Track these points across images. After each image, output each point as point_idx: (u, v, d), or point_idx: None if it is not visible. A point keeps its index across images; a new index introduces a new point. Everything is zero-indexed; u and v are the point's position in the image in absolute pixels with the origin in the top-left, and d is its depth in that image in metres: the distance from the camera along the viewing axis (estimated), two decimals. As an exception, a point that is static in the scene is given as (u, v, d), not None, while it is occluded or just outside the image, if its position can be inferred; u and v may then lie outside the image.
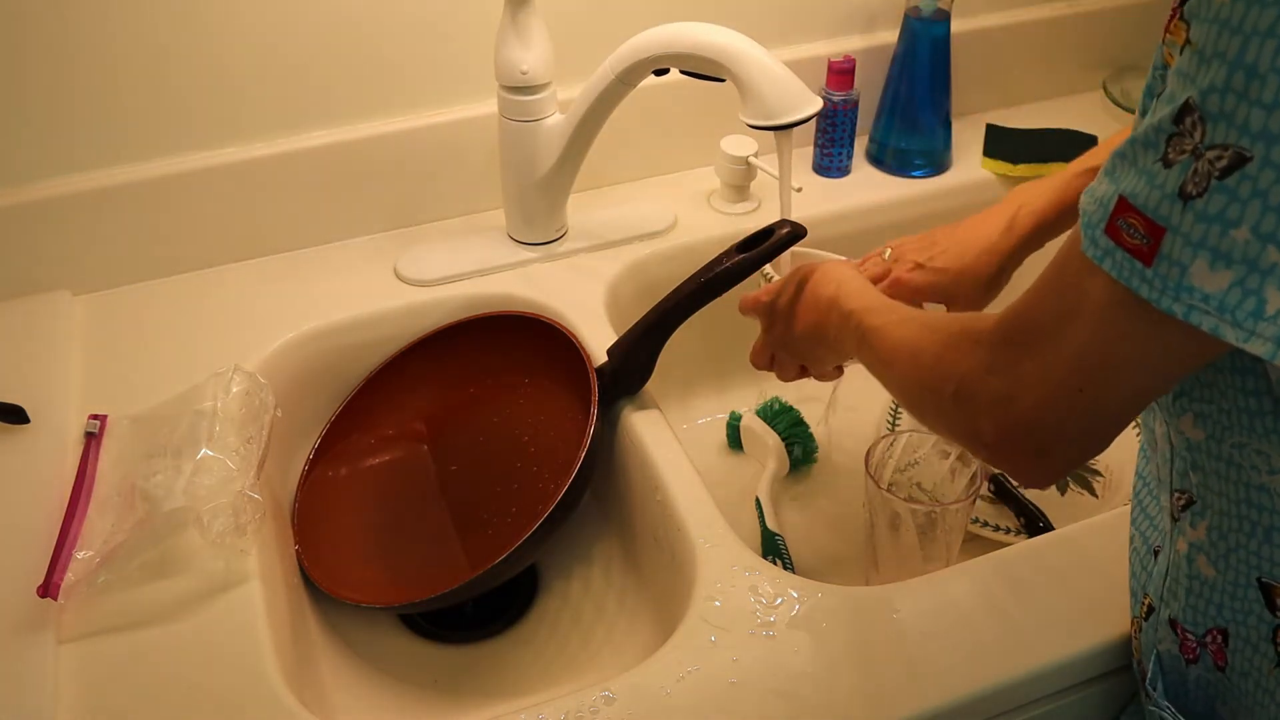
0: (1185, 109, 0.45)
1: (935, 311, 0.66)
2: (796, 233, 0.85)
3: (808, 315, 0.79)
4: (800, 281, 0.80)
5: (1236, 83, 0.43)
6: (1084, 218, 0.50)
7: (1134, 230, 0.47)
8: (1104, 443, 0.55)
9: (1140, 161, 0.47)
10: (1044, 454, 0.55)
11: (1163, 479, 0.63)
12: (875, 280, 0.89)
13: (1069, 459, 0.56)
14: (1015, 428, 0.55)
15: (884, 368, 0.68)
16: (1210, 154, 0.44)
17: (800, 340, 0.81)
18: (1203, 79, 0.44)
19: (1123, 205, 0.47)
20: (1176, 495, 0.62)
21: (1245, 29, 0.42)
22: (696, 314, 1.09)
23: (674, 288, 0.87)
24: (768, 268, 0.88)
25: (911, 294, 0.88)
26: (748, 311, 0.87)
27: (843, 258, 0.90)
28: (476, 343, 0.96)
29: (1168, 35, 0.47)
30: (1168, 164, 0.46)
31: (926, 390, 0.62)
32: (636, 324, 0.88)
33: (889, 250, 0.92)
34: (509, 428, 0.94)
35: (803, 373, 0.86)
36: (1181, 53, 0.45)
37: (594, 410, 0.85)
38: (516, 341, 0.95)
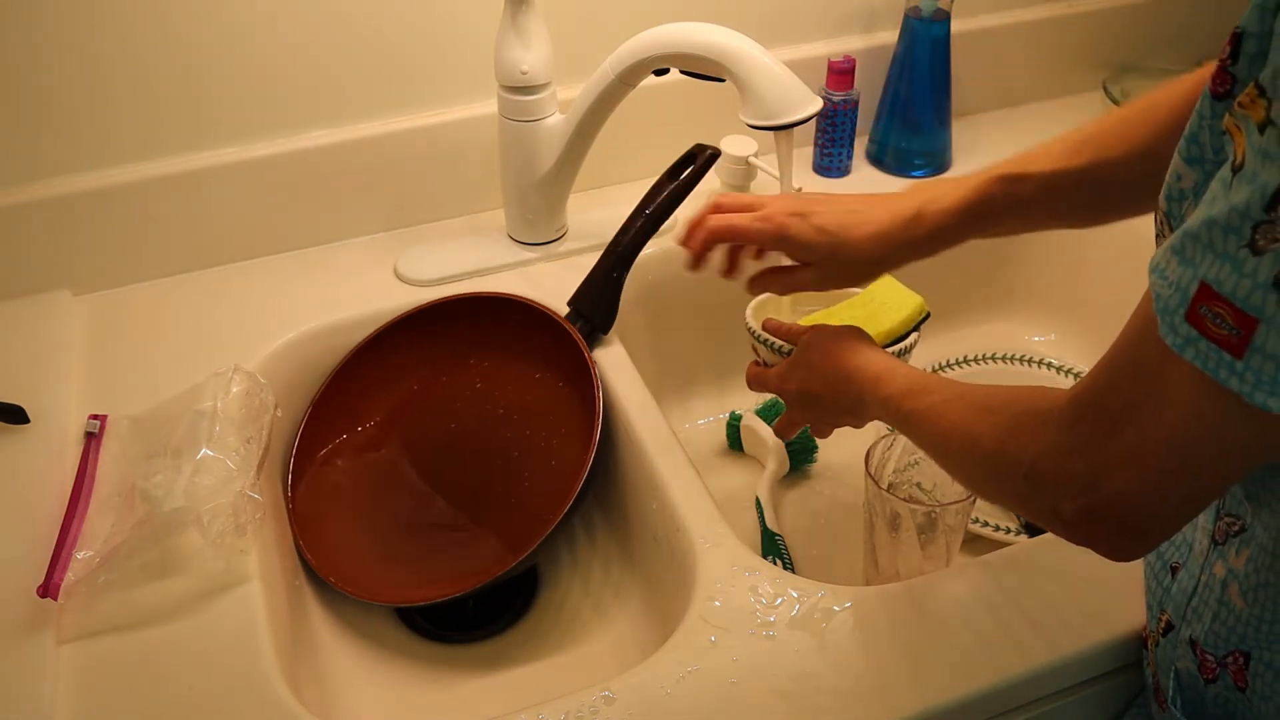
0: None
1: (977, 386, 0.64)
2: (714, 154, 0.93)
3: (836, 398, 0.76)
4: (810, 366, 0.78)
5: None
6: (1158, 301, 0.47)
7: (1221, 320, 0.44)
8: (1194, 517, 0.54)
9: (1220, 246, 0.44)
10: (1136, 534, 0.54)
11: None
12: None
13: (1161, 536, 0.55)
14: (1102, 508, 0.53)
15: (937, 453, 0.67)
16: None
17: (834, 414, 0.79)
18: None
19: (1206, 292, 0.45)
20: (1228, 520, 0.61)
21: None
22: (696, 314, 1.10)
23: (619, 229, 0.94)
24: (764, 334, 0.86)
25: (776, 235, 0.77)
26: (760, 390, 0.85)
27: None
28: (468, 335, 0.96)
29: (1238, 107, 0.44)
30: (1257, 251, 0.43)
31: (991, 475, 0.60)
32: (596, 270, 0.95)
33: (801, 188, 0.87)
34: (509, 419, 0.95)
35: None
36: (1263, 133, 0.43)
37: (598, 411, 0.86)
38: (512, 333, 0.95)
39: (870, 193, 0.79)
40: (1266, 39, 0.44)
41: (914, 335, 0.88)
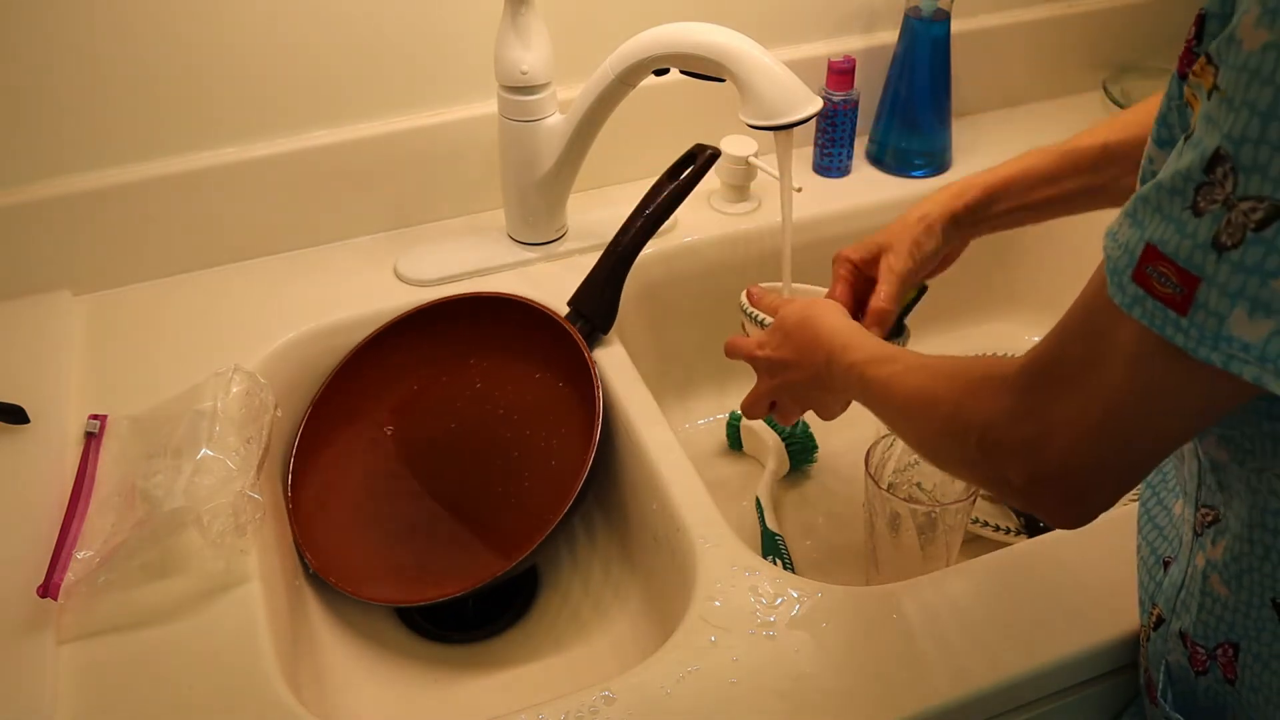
0: (1216, 158, 0.44)
1: (940, 356, 0.65)
2: (714, 154, 0.95)
3: (805, 366, 0.77)
4: (785, 332, 0.79)
5: (1271, 135, 0.42)
6: (1109, 263, 0.49)
7: (1165, 279, 0.46)
8: (1137, 483, 0.54)
9: (1166, 208, 0.46)
10: (1078, 499, 0.54)
11: (1188, 493, 0.63)
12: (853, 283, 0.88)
13: (1103, 502, 0.55)
14: (1047, 474, 0.54)
15: (896, 418, 0.67)
16: (1244, 205, 0.43)
17: (802, 388, 0.79)
18: (1235, 128, 0.43)
19: (1151, 253, 0.46)
20: (1204, 511, 0.61)
21: (1278, 80, 0.41)
22: (696, 315, 1.10)
23: (619, 229, 0.95)
24: (751, 308, 0.87)
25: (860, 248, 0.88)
26: (735, 357, 0.86)
27: (823, 290, 0.90)
28: (468, 335, 0.96)
29: (1192, 76, 0.46)
30: (1198, 213, 0.44)
31: (947, 438, 0.61)
32: (596, 270, 0.95)
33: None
34: (509, 419, 0.95)
35: (803, 413, 0.85)
36: (1210, 98, 0.44)
37: (598, 411, 0.86)
38: (512, 333, 0.95)
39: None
40: (1228, 20, 0.45)
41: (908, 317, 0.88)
